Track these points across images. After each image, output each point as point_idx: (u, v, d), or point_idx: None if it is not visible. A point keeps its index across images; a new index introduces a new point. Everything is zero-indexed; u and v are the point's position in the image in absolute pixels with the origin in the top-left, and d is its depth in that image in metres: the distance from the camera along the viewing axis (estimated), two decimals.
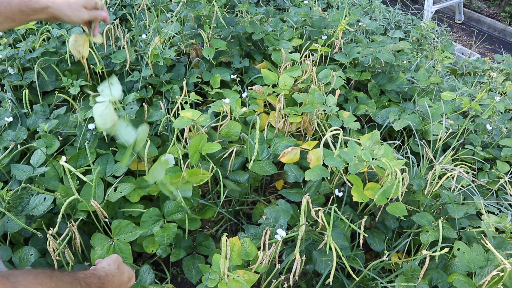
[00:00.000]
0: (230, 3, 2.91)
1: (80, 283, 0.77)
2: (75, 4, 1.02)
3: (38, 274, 0.65)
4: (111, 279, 0.89)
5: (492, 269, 1.23)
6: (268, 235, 1.28)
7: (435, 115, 1.99)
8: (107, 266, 0.93)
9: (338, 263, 1.34)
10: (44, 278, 0.65)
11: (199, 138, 1.53)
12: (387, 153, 1.45)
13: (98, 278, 0.85)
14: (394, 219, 1.57)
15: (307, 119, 1.90)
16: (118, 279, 0.92)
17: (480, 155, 1.97)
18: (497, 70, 3.40)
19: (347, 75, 2.22)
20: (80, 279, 0.78)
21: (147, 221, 1.45)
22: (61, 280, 0.70)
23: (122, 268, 0.96)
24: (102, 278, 0.87)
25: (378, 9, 4.00)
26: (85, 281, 0.79)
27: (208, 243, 1.58)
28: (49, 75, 2.07)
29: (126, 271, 0.97)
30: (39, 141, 1.64)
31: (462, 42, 5.61)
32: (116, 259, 0.97)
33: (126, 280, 0.96)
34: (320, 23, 2.53)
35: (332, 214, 1.21)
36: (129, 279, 0.98)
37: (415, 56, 3.05)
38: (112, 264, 0.94)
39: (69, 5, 1.01)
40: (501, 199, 1.78)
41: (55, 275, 0.70)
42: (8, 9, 0.93)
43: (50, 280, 0.67)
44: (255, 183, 1.83)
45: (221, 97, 2.01)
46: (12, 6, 0.93)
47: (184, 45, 2.31)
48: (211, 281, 1.20)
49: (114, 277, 0.91)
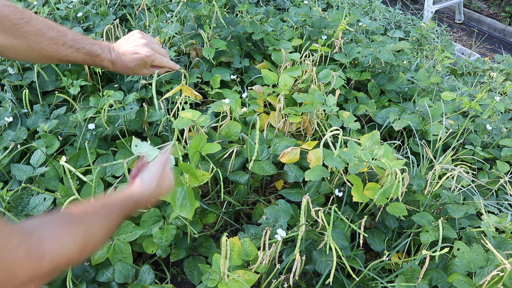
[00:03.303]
0: (230, 3, 2.91)
1: (116, 213, 0.74)
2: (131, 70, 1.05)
3: (64, 224, 0.61)
4: (148, 199, 0.86)
5: (492, 269, 1.23)
6: (268, 235, 1.28)
7: (435, 115, 1.99)
8: (146, 185, 0.86)
9: (338, 263, 1.34)
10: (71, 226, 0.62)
11: (199, 139, 1.53)
12: (387, 153, 1.45)
13: (134, 202, 0.82)
14: (394, 219, 1.57)
15: (307, 119, 1.90)
16: (156, 196, 0.88)
17: (480, 155, 1.97)
18: (497, 70, 3.40)
19: (347, 75, 2.22)
20: (115, 208, 0.75)
21: (147, 221, 1.45)
22: (91, 221, 0.67)
23: (162, 183, 0.89)
24: (139, 201, 0.83)
25: (378, 9, 4.00)
26: (121, 209, 0.76)
27: (208, 245, 1.58)
28: (49, 75, 2.07)
29: (166, 184, 0.90)
30: (39, 141, 1.64)
31: (462, 42, 5.61)
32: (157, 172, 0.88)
33: (164, 192, 0.90)
34: (320, 23, 2.53)
35: (332, 214, 1.21)
36: (167, 190, 0.92)
37: (415, 56, 3.05)
38: (153, 181, 0.87)
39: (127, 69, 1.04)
40: (501, 199, 1.78)
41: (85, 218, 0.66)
42: (74, 55, 0.96)
43: (79, 227, 0.63)
44: (255, 183, 1.83)
45: (221, 97, 2.01)
46: (79, 53, 0.97)
47: (184, 45, 2.31)
48: (211, 281, 1.20)
49: (152, 196, 0.86)
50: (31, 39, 0.89)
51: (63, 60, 0.97)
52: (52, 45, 0.93)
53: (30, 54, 0.92)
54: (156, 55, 1.05)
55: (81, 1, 2.63)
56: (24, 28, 0.88)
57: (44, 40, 0.91)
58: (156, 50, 1.06)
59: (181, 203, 1.07)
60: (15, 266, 0.50)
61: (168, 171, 0.94)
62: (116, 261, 1.37)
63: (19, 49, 0.90)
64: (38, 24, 0.90)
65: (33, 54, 0.92)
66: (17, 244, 0.52)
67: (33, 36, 0.89)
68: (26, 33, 0.88)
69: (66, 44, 0.94)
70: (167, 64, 1.10)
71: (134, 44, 1.04)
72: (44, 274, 0.55)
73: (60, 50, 0.94)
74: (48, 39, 0.92)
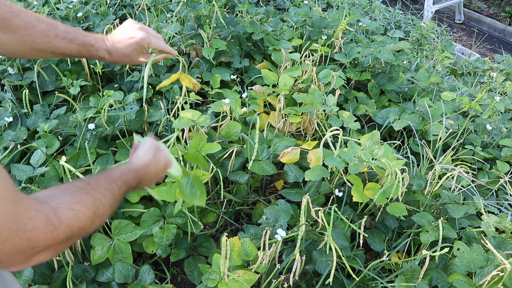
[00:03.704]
0: (230, 3, 2.91)
1: (117, 184, 0.77)
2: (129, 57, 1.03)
3: (74, 193, 0.64)
4: (147, 171, 0.88)
5: (492, 269, 1.23)
6: (268, 235, 1.28)
7: (435, 115, 1.99)
8: (142, 157, 0.90)
9: (338, 263, 1.34)
10: (81, 195, 0.65)
11: (199, 139, 1.53)
12: (387, 153, 1.45)
13: (133, 172, 0.84)
14: (394, 219, 1.57)
15: (307, 119, 1.90)
16: (154, 168, 0.90)
17: (480, 155, 1.97)
18: (497, 70, 3.40)
19: (347, 75, 2.22)
20: (116, 179, 0.77)
21: (147, 220, 1.45)
22: (97, 191, 0.69)
23: (158, 156, 0.92)
24: (138, 172, 0.85)
25: (378, 9, 4.00)
26: (122, 179, 0.78)
27: (209, 244, 1.58)
28: (49, 75, 2.07)
29: (162, 159, 0.93)
30: (39, 141, 1.64)
31: (462, 42, 5.61)
32: (151, 147, 0.92)
33: (162, 167, 0.93)
34: (320, 23, 2.53)
35: (332, 214, 1.21)
36: (165, 166, 0.95)
37: (415, 56, 3.05)
38: (147, 154, 0.90)
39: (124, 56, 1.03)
40: (501, 199, 1.78)
41: (91, 187, 0.69)
42: (68, 47, 0.95)
43: (88, 195, 0.66)
44: (255, 183, 1.83)
45: (221, 97, 2.01)
46: (72, 45, 0.95)
47: (184, 45, 2.31)
48: (211, 281, 1.20)
49: (150, 168, 0.89)
50: (21, 32, 0.88)
51: (57, 54, 0.95)
52: (44, 37, 0.91)
53: (21, 48, 0.90)
54: (152, 38, 1.04)
55: (81, 1, 2.64)
56: (13, 22, 0.86)
57: (34, 33, 0.89)
58: (151, 34, 1.05)
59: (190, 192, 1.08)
60: (35, 235, 0.53)
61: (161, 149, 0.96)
62: (116, 261, 1.37)
63: (10, 44, 0.88)
64: (27, 17, 0.89)
65: (25, 49, 0.91)
66: (35, 214, 0.55)
67: (23, 29, 0.88)
68: (15, 27, 0.87)
69: (58, 36, 0.92)
70: (164, 48, 1.09)
71: (129, 30, 1.03)
72: (61, 241, 0.58)
73: (52, 42, 0.92)
74: (39, 32, 0.90)
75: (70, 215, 0.60)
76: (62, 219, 0.59)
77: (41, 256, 0.56)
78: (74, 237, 0.62)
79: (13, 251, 0.52)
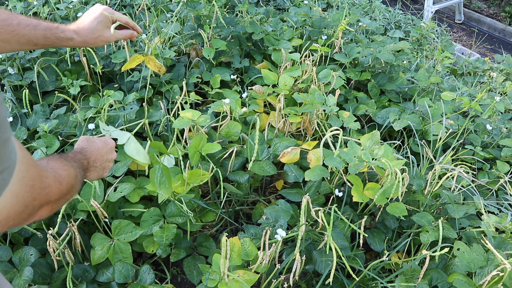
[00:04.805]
0: (230, 3, 2.91)
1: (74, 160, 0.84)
2: (97, 31, 1.09)
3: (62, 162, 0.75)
4: (88, 150, 0.95)
5: (492, 269, 1.23)
6: (268, 235, 1.28)
7: (435, 115, 1.99)
8: (78, 146, 0.97)
9: (338, 263, 1.34)
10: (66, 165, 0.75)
11: (199, 139, 1.53)
12: (387, 153, 1.45)
13: (80, 153, 0.92)
14: (394, 219, 1.57)
15: (307, 119, 1.90)
16: (93, 147, 0.97)
17: (480, 155, 1.97)
18: (497, 70, 3.40)
19: (347, 75, 2.22)
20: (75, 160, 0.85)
21: (147, 220, 1.45)
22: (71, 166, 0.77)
23: (92, 140, 1.00)
24: (83, 152, 0.93)
25: (378, 9, 4.00)
26: (75, 159, 0.85)
27: (208, 244, 1.58)
28: (49, 75, 2.06)
29: (97, 140, 1.01)
30: (39, 141, 1.64)
31: (462, 42, 5.61)
32: (82, 138, 1.00)
33: (101, 145, 0.99)
34: (320, 23, 2.53)
35: (332, 214, 1.21)
36: (105, 144, 1.01)
37: (415, 56, 3.05)
38: (81, 143, 0.98)
39: (92, 32, 1.08)
40: (501, 199, 1.78)
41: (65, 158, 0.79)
42: (33, 33, 0.95)
43: (67, 161, 0.77)
44: (255, 183, 1.83)
45: (221, 97, 2.01)
46: (37, 31, 0.96)
47: (184, 45, 2.31)
48: (211, 281, 1.20)
49: (88, 148, 0.96)
50: None
51: (23, 43, 0.94)
52: (7, 26, 0.90)
53: None
54: (115, 12, 1.11)
55: (81, 1, 2.63)
56: None
57: None
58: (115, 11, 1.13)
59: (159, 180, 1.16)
60: (49, 189, 0.64)
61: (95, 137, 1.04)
62: (116, 261, 1.37)
63: None
64: None
65: None
66: (47, 174, 0.65)
67: None
68: None
69: (21, 24, 0.92)
70: (129, 21, 1.17)
71: (92, 9, 1.11)
72: (64, 195, 0.69)
73: (16, 30, 0.92)
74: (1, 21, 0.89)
75: (66, 175, 0.71)
76: (62, 177, 0.69)
77: (42, 212, 0.64)
78: (68, 194, 0.72)
79: (39, 205, 0.61)
